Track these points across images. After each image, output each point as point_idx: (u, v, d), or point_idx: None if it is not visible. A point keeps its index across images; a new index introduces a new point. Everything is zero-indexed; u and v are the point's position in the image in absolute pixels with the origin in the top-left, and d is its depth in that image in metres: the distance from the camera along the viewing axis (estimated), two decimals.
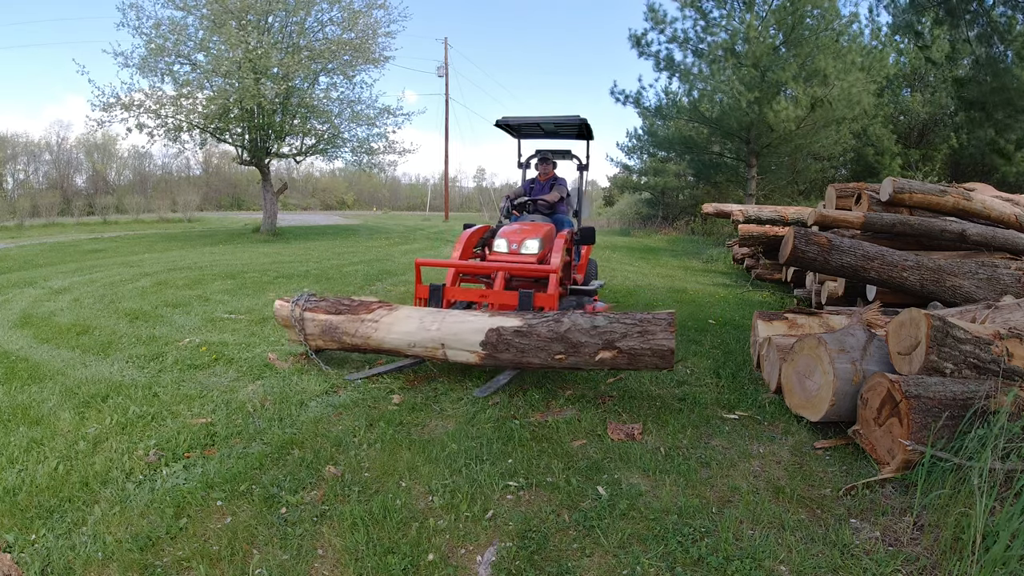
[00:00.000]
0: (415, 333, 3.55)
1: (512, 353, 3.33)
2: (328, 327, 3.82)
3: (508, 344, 3.32)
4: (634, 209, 25.12)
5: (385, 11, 16.01)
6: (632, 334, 3.13)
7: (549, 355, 3.26)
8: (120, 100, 14.05)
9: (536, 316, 3.41)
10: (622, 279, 8.61)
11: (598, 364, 3.18)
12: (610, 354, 3.14)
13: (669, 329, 3.10)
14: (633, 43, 15.34)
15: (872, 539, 2.09)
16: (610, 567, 1.96)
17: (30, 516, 2.16)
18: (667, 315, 3.17)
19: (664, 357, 3.09)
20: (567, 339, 3.21)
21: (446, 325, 3.51)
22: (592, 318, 3.27)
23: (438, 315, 3.61)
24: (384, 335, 3.63)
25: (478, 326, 3.41)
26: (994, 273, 4.47)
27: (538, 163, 5.90)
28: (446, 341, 3.47)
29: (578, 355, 3.20)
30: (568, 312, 3.40)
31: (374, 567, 1.91)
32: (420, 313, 3.67)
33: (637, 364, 3.14)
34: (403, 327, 3.60)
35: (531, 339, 3.29)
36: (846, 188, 6.44)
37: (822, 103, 13.08)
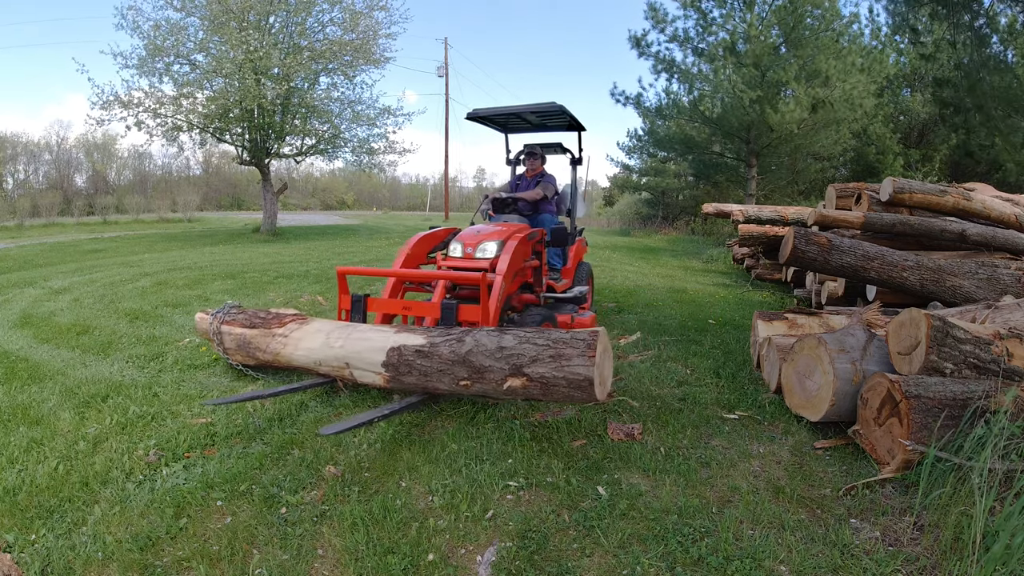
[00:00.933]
0: (319, 350, 3.14)
1: (415, 376, 2.80)
2: (242, 341, 3.52)
3: (410, 366, 2.80)
4: (634, 209, 25.12)
5: (386, 12, 16.03)
6: (543, 358, 2.50)
7: (454, 380, 2.69)
8: (119, 98, 14.06)
9: (442, 334, 2.86)
10: (622, 279, 8.61)
11: (508, 394, 2.59)
12: (519, 382, 2.52)
13: (588, 353, 2.44)
14: (633, 44, 15.35)
15: (872, 539, 2.09)
16: (610, 567, 1.96)
17: (30, 516, 2.16)
18: (588, 335, 2.53)
19: (582, 389, 2.44)
20: (469, 362, 2.63)
21: (350, 342, 3.06)
22: (501, 336, 2.68)
23: (345, 330, 3.17)
24: (292, 351, 3.27)
25: (380, 344, 2.94)
26: (994, 273, 4.47)
27: (524, 158, 5.46)
28: (350, 360, 3.03)
29: (484, 381, 2.62)
30: (475, 329, 2.84)
31: (374, 567, 1.91)
32: (329, 328, 3.26)
33: (552, 395, 2.52)
34: (309, 343, 3.21)
35: (433, 361, 2.74)
36: (846, 188, 6.44)
37: (823, 104, 13.09)
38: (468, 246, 4.10)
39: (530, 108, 4.81)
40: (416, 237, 4.34)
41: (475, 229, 4.36)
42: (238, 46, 13.20)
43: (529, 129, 5.74)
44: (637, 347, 4.69)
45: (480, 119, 5.23)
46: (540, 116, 5.16)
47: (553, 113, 4.94)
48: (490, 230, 4.26)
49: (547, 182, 5.25)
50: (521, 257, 4.03)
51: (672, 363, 4.20)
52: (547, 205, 5.23)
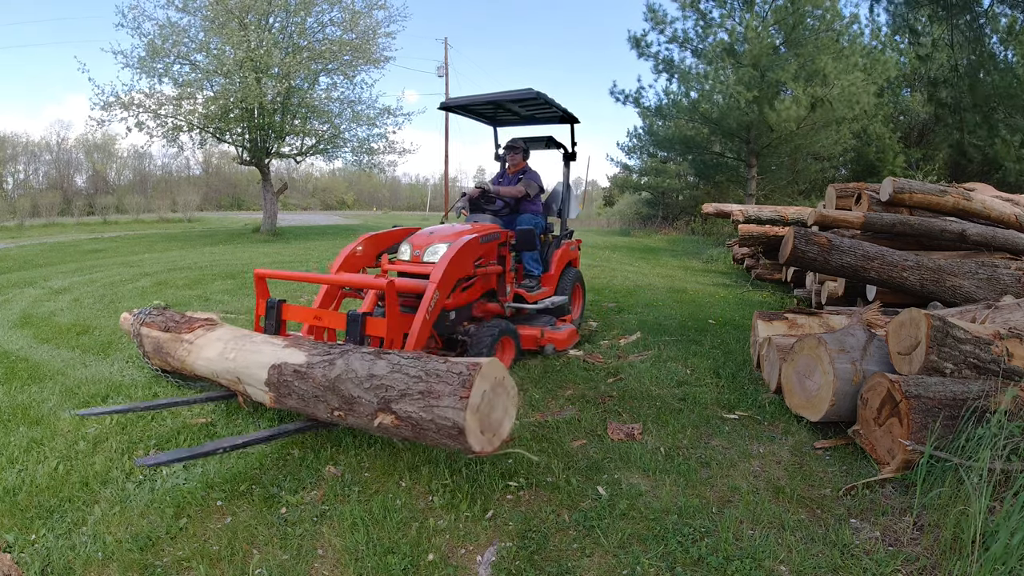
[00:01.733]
0: (216, 361, 2.89)
1: (295, 400, 2.48)
2: (157, 345, 3.30)
3: (289, 388, 2.48)
4: (634, 209, 25.12)
5: (386, 12, 16.05)
6: (412, 393, 2.10)
7: (328, 408, 2.35)
8: (120, 99, 14.07)
9: (321, 353, 2.50)
10: (622, 279, 8.61)
11: (382, 431, 2.22)
12: (389, 419, 2.15)
13: (460, 392, 2.01)
14: (633, 44, 15.35)
15: (872, 539, 2.09)
16: (610, 567, 1.96)
17: (30, 516, 2.16)
18: (466, 368, 2.08)
19: (452, 437, 2.02)
20: (339, 389, 2.29)
21: (242, 355, 2.77)
22: (374, 362, 2.27)
23: (241, 341, 2.88)
24: (194, 360, 3.03)
25: (267, 359, 2.63)
26: (994, 273, 4.47)
27: (505, 152, 5.00)
28: (240, 374, 2.75)
29: (355, 414, 2.27)
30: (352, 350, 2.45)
31: (374, 567, 1.91)
32: (229, 336, 2.99)
33: (426, 440, 2.13)
34: (208, 352, 2.96)
35: (308, 384, 2.41)
36: (846, 188, 6.43)
37: (822, 103, 13.09)
38: (417, 248, 3.72)
39: (505, 96, 4.41)
40: (362, 237, 3.99)
41: (430, 230, 4.01)
42: (239, 45, 13.20)
43: (519, 122, 5.41)
44: (637, 347, 4.69)
45: (455, 108, 4.89)
46: (526, 107, 4.81)
47: (536, 103, 4.57)
48: (445, 231, 3.89)
49: (529, 179, 4.86)
50: (468, 262, 3.62)
51: (672, 363, 4.20)
52: (529, 204, 4.84)
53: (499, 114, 5.17)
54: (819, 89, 13.01)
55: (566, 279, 4.99)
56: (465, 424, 1.98)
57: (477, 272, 3.78)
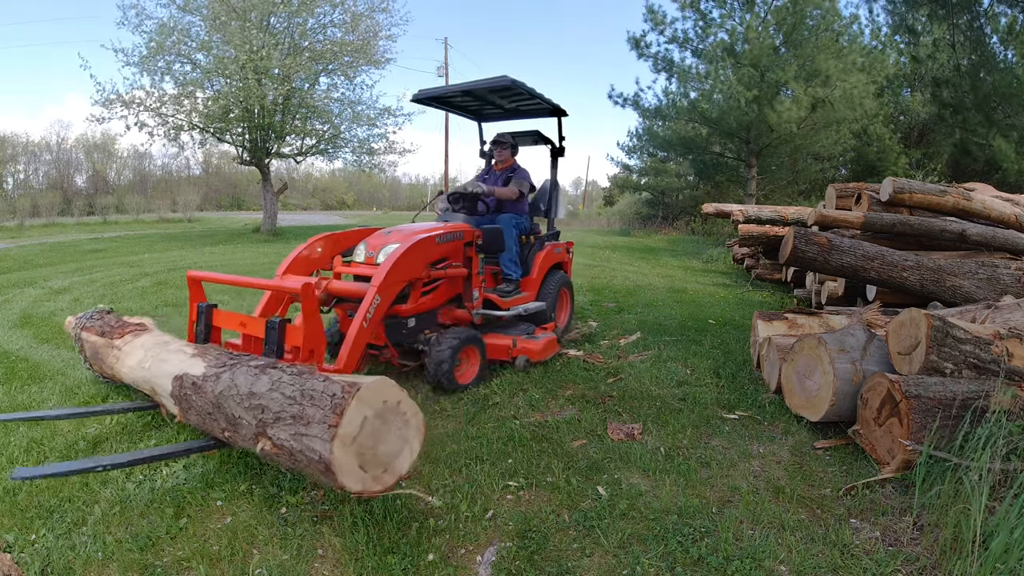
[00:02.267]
0: (135, 370, 2.70)
1: (195, 415, 2.27)
2: (94, 351, 3.14)
3: (189, 402, 2.28)
4: (634, 209, 25.13)
5: (387, 15, 16.07)
6: (286, 417, 1.85)
7: (220, 427, 2.15)
8: (120, 97, 14.08)
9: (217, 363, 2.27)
10: (622, 279, 8.61)
11: (266, 457, 1.98)
12: (269, 445, 1.91)
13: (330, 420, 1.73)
14: (632, 45, 15.35)
15: (872, 539, 2.09)
16: (610, 567, 1.96)
17: (30, 516, 2.16)
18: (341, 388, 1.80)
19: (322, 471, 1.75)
20: (222, 407, 2.09)
21: (156, 364, 2.58)
22: (258, 377, 2.03)
23: (158, 348, 2.69)
24: (121, 367, 2.87)
25: (171, 369, 2.44)
26: (994, 273, 4.47)
27: (491, 148, 4.75)
28: (154, 384, 2.56)
29: (240, 436, 2.06)
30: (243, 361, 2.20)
31: (374, 567, 1.91)
32: (151, 343, 2.79)
33: (302, 470, 1.88)
34: (130, 360, 2.78)
35: (202, 399, 2.21)
36: (846, 188, 6.43)
37: (823, 104, 13.09)
38: (372, 249, 3.47)
39: (479, 85, 4.10)
40: (316, 237, 3.68)
41: (388, 230, 3.79)
42: (241, 46, 13.21)
43: (505, 116, 5.10)
44: (637, 347, 4.69)
45: (428, 101, 4.52)
46: (510, 99, 4.49)
47: (517, 94, 4.27)
48: (403, 231, 3.64)
49: (520, 177, 4.57)
50: (418, 263, 3.35)
51: (672, 363, 4.20)
52: (518, 204, 4.60)
53: (484, 108, 4.88)
54: (820, 90, 13.02)
55: (549, 284, 4.64)
56: (332, 458, 1.64)
57: (433, 275, 3.50)
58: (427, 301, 3.61)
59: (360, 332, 2.88)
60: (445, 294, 3.76)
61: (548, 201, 4.90)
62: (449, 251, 3.65)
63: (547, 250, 4.70)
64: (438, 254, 3.55)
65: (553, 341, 4.14)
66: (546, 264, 4.65)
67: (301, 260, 3.56)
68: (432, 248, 3.47)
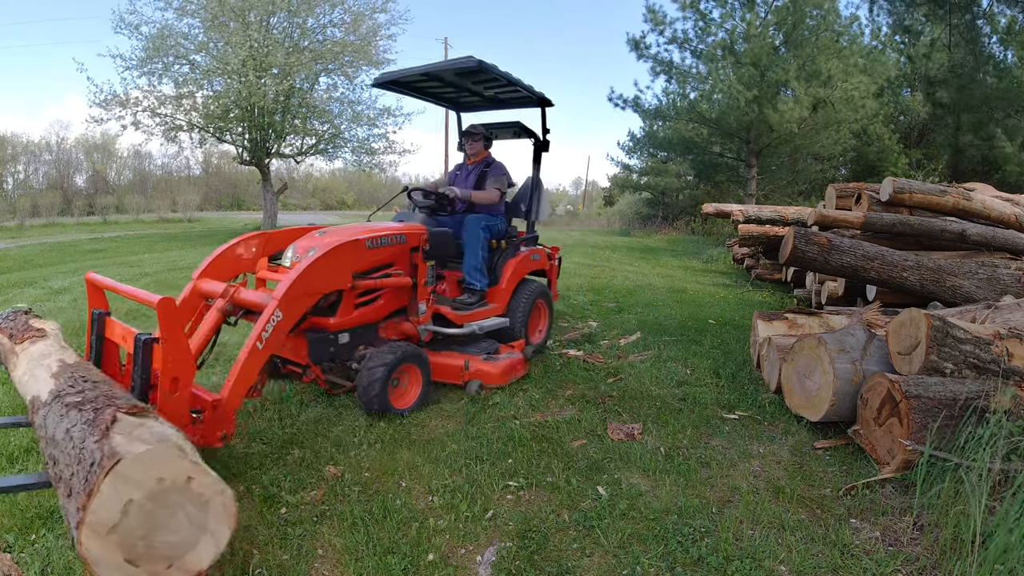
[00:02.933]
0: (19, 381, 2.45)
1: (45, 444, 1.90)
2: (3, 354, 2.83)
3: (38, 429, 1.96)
4: (634, 209, 25.13)
5: (388, 15, 16.08)
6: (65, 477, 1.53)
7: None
8: (117, 97, 14.10)
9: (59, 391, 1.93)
10: (622, 279, 8.61)
11: None
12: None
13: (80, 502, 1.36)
14: (632, 46, 15.36)
15: (872, 539, 2.09)
16: (610, 567, 1.96)
17: (30, 516, 2.15)
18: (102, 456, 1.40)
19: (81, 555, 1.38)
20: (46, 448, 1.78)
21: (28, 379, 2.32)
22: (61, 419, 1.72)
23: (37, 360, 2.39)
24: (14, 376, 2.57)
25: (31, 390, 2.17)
26: (994, 273, 4.48)
27: (464, 139, 4.32)
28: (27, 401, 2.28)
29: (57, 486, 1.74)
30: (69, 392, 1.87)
31: (374, 567, 1.91)
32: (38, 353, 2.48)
33: None
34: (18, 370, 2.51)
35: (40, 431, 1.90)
36: (846, 188, 6.44)
37: (824, 104, 13.09)
38: (300, 252, 3.05)
39: (443, 67, 3.69)
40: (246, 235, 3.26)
41: (325, 230, 3.38)
42: (242, 44, 13.21)
43: (486, 106, 4.64)
44: (637, 347, 4.69)
45: (389, 85, 4.07)
46: (487, 86, 4.06)
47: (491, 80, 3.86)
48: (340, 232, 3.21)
49: (496, 173, 4.14)
50: (338, 272, 2.90)
51: (672, 363, 4.20)
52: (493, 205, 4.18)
53: (460, 97, 4.43)
54: (820, 90, 13.02)
55: (521, 295, 4.13)
56: (81, 549, 1.29)
57: (363, 285, 3.06)
58: (364, 314, 3.17)
59: (252, 355, 2.41)
60: (388, 306, 3.31)
61: (528, 201, 4.38)
62: (387, 257, 3.23)
63: (521, 257, 4.20)
64: (370, 261, 3.11)
65: (518, 363, 3.67)
66: (519, 272, 4.18)
67: (230, 261, 3.13)
68: (360, 254, 3.02)
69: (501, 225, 4.14)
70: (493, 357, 3.60)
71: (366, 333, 3.24)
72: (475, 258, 3.80)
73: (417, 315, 3.42)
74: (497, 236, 4.07)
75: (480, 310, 3.81)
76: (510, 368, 3.59)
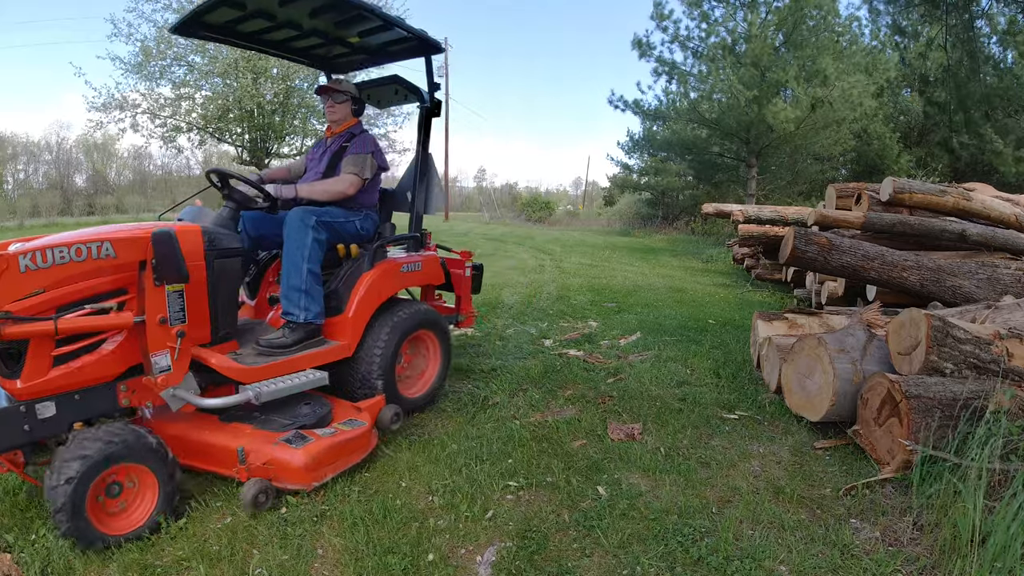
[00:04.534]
0: None
1: None
2: None
3: None
4: (634, 209, 25.14)
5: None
6: None
7: None
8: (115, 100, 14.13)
9: None
10: (622, 279, 8.61)
11: None
12: None
13: None
14: (635, 45, 15.38)
15: (872, 539, 2.09)
16: (610, 567, 1.96)
17: (30, 516, 2.15)
18: None
19: None
20: None
21: None
22: None
23: None
24: None
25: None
26: (994, 273, 4.48)
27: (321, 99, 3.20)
28: None
29: None
30: None
31: (374, 567, 1.91)
32: None
33: None
34: None
35: None
36: (846, 188, 6.44)
37: (823, 103, 13.10)
38: None
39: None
40: None
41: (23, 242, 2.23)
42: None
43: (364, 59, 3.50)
44: (637, 347, 4.69)
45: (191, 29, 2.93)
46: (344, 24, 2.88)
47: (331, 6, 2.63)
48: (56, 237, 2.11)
49: (356, 150, 2.98)
50: None
51: (672, 363, 4.20)
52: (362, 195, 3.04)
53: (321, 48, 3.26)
54: (819, 89, 13.02)
55: (383, 327, 2.87)
56: None
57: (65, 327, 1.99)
58: (77, 371, 2.08)
59: None
60: (124, 357, 2.20)
61: (414, 186, 3.21)
62: (89, 281, 2.09)
63: (382, 269, 2.93)
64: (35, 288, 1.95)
65: (355, 441, 2.43)
66: (382, 291, 2.92)
67: None
68: (14, 281, 1.91)
69: (357, 224, 2.98)
70: (300, 439, 2.31)
71: (89, 401, 2.14)
72: (296, 274, 2.62)
73: (154, 373, 2.17)
74: (346, 238, 2.94)
75: (294, 356, 2.56)
76: (333, 453, 2.33)
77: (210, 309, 2.41)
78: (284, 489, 2.25)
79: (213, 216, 2.69)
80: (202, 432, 2.36)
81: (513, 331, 5.10)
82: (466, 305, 3.75)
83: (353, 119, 3.22)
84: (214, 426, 2.41)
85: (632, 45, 15.41)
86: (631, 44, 15.40)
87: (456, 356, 4.23)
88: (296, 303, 2.64)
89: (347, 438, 2.42)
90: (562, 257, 11.54)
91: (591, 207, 38.40)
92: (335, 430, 2.44)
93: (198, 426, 2.39)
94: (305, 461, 2.24)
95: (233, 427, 2.40)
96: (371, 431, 2.60)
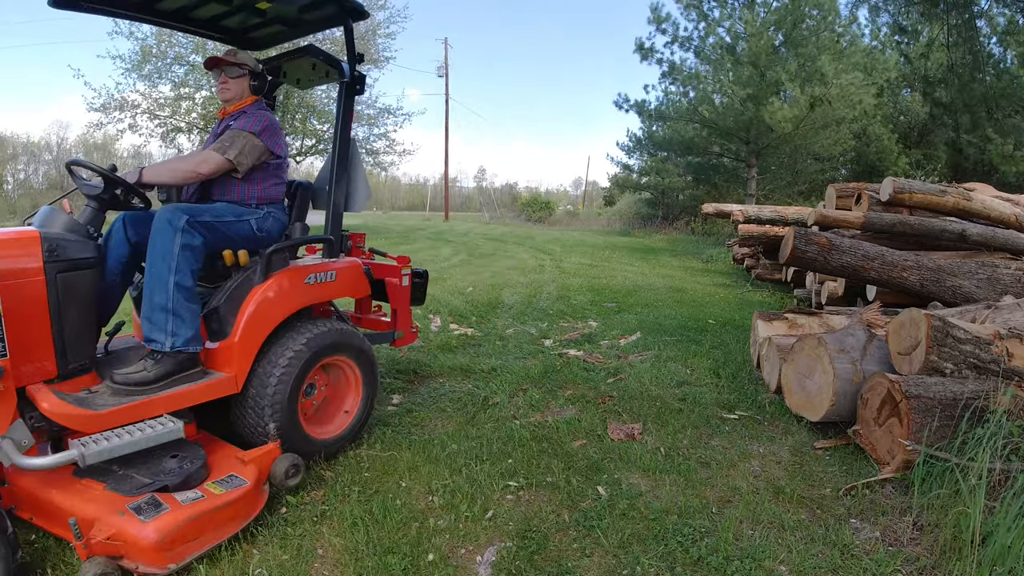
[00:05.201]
0: None
1: None
2: None
3: None
4: (634, 209, 25.12)
5: (386, 12, 16.10)
6: None
7: None
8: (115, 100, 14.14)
9: None
10: (622, 279, 8.61)
11: None
12: None
13: None
14: (637, 48, 15.42)
15: (872, 539, 2.09)
16: (610, 567, 1.96)
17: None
18: None
19: None
20: None
21: None
22: None
23: None
24: None
25: None
26: (994, 273, 4.48)
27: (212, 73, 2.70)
28: None
29: None
30: None
31: (374, 567, 1.91)
32: None
33: None
34: None
35: None
36: (846, 188, 6.44)
37: (821, 102, 13.10)
38: None
39: None
40: None
41: None
42: None
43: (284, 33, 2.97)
44: (637, 347, 4.69)
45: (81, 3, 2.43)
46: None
47: None
48: None
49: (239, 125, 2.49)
50: None
51: (672, 363, 4.20)
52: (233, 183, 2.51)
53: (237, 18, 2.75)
54: (818, 89, 13.03)
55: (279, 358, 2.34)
56: None
57: None
58: None
59: None
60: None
61: (331, 177, 2.76)
62: None
63: (279, 281, 2.39)
64: None
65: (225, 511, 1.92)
66: (276, 311, 2.36)
67: None
68: None
69: (253, 224, 2.49)
70: (156, 505, 1.80)
71: None
72: (160, 290, 2.14)
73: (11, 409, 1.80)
74: (237, 243, 2.44)
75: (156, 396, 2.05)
76: (196, 527, 1.82)
77: (53, 335, 1.92)
78: (136, 573, 1.74)
79: (66, 219, 2.15)
80: (49, 490, 1.84)
81: (513, 331, 5.10)
82: (404, 319, 3.13)
83: (251, 97, 2.68)
84: (65, 482, 1.87)
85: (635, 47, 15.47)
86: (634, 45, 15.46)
87: (456, 356, 4.23)
88: (161, 327, 2.12)
89: (217, 504, 1.87)
90: (562, 257, 11.54)
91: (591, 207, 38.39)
92: (202, 494, 1.90)
93: (47, 481, 1.86)
94: (155, 539, 1.70)
95: (84, 484, 1.87)
96: (257, 490, 2.04)
